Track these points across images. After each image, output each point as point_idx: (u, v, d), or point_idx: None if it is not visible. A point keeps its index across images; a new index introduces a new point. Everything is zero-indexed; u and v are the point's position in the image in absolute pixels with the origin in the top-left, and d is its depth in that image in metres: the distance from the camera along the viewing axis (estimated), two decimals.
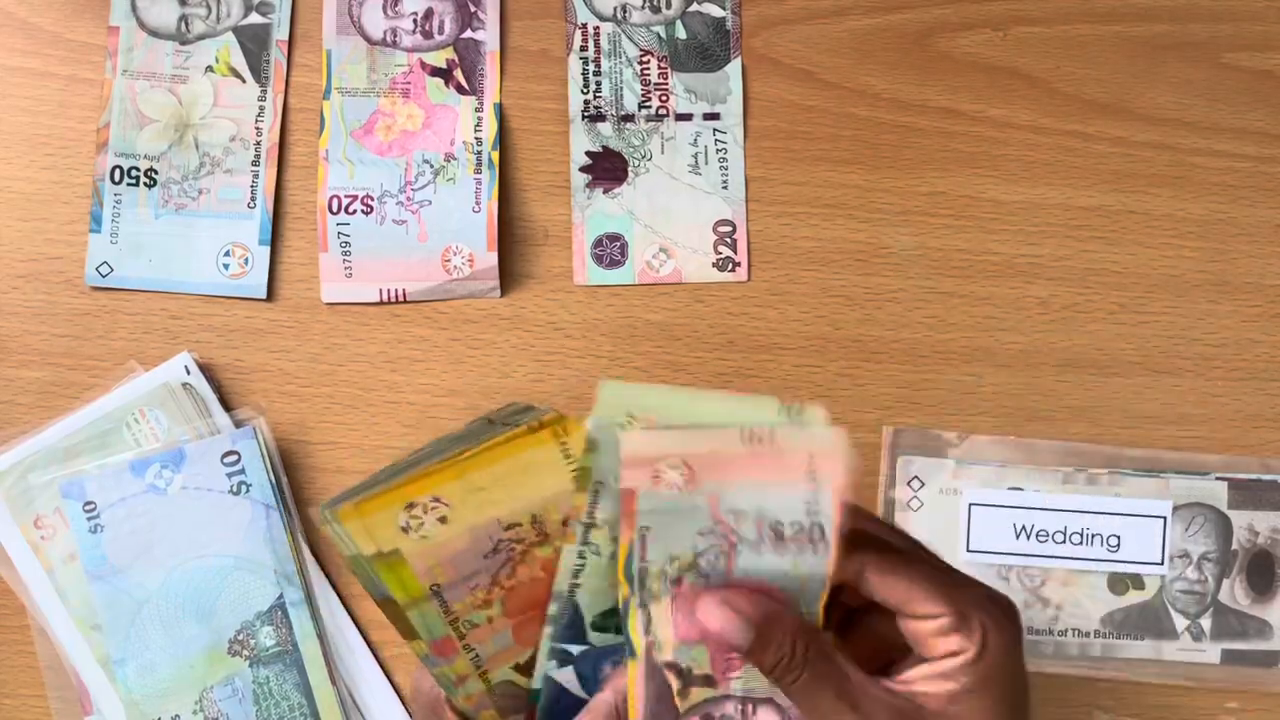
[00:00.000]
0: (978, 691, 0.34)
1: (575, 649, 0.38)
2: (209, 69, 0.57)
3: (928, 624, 0.35)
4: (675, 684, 0.35)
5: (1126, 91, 0.58)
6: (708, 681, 0.35)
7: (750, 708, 0.35)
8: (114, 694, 0.52)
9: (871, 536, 0.36)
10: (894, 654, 0.36)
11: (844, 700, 0.34)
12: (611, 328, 0.56)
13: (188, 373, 0.54)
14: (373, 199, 0.56)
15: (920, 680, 0.35)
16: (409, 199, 0.56)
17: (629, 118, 0.57)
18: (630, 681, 0.35)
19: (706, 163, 0.57)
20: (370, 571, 0.34)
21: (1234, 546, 0.55)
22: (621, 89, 0.57)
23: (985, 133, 0.57)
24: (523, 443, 0.35)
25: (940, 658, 0.35)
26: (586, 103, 0.57)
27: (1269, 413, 0.56)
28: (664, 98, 0.57)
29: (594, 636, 0.38)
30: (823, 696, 0.34)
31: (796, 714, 0.35)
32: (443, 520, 0.34)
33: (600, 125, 0.57)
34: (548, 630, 0.38)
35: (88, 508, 0.52)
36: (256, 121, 0.57)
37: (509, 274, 0.56)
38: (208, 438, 0.53)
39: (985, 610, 0.35)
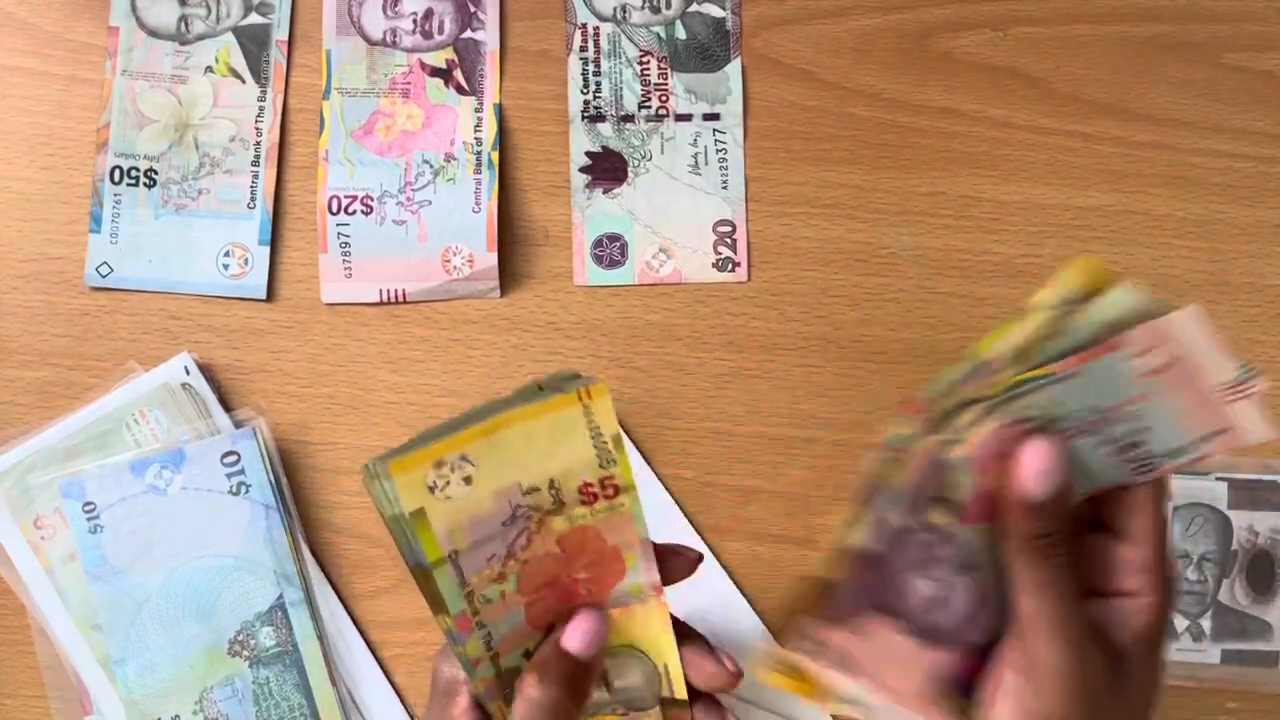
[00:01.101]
0: (1153, 638, 0.34)
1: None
2: (209, 69, 0.57)
3: (1139, 554, 0.35)
4: (931, 488, 0.35)
5: (1126, 91, 0.58)
6: (955, 512, 0.35)
7: (956, 569, 0.35)
8: (114, 694, 0.52)
9: None
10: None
11: (1073, 597, 0.34)
12: (611, 328, 0.56)
13: (187, 373, 0.54)
14: (373, 199, 0.56)
15: (1109, 612, 0.35)
16: (409, 199, 0.56)
17: (629, 118, 0.57)
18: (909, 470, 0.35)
19: (706, 163, 0.57)
20: (407, 530, 0.34)
21: (1234, 547, 0.55)
22: (621, 89, 0.57)
23: (985, 133, 0.57)
24: (550, 406, 0.35)
25: (1123, 593, 0.35)
26: (586, 103, 0.57)
27: (1269, 413, 0.56)
28: (664, 98, 0.57)
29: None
30: (1061, 588, 0.34)
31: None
32: (468, 481, 0.34)
33: (600, 125, 0.57)
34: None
35: (87, 508, 0.52)
36: (256, 122, 0.57)
37: (509, 274, 0.56)
38: (208, 438, 0.53)
39: (1173, 569, 0.36)
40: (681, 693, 0.39)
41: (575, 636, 0.37)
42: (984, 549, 0.35)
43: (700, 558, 0.40)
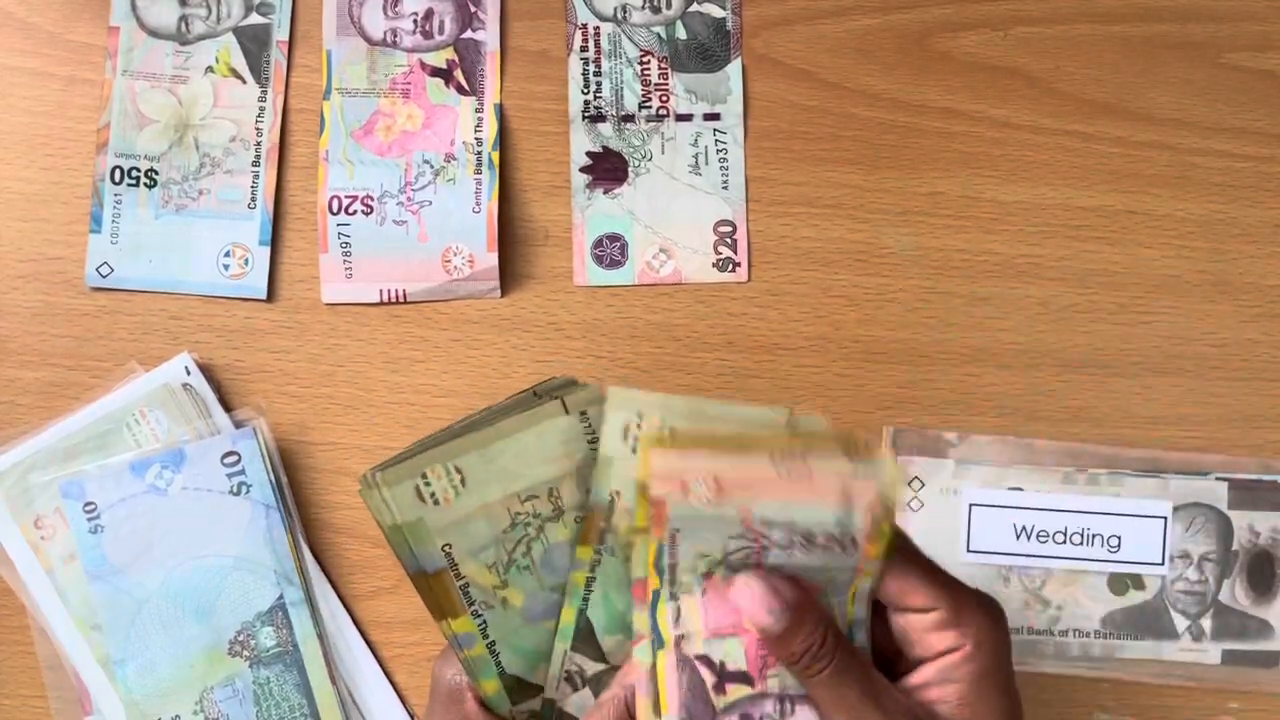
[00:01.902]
0: (981, 689, 0.34)
1: (591, 667, 0.38)
2: (209, 69, 0.57)
3: (923, 619, 0.35)
4: (709, 679, 0.35)
5: (1126, 91, 0.58)
6: (744, 679, 0.35)
7: (789, 705, 0.35)
8: (114, 694, 0.52)
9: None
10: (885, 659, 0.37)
11: (869, 698, 0.34)
12: (611, 328, 0.56)
13: (188, 373, 0.54)
14: (373, 199, 0.56)
15: (925, 684, 0.35)
16: (409, 199, 0.56)
17: (629, 118, 0.57)
18: (660, 675, 0.35)
19: (707, 163, 0.57)
20: (407, 538, 0.34)
21: (1234, 547, 0.55)
22: (622, 89, 0.57)
23: (985, 133, 0.57)
24: (542, 413, 0.35)
25: (935, 656, 0.35)
26: (586, 103, 0.57)
27: (1269, 413, 0.56)
28: (664, 98, 0.57)
29: (609, 645, 0.38)
30: (848, 691, 0.34)
31: None
32: (462, 488, 0.34)
33: (600, 125, 0.57)
34: (561, 647, 0.38)
35: (88, 508, 0.52)
36: (256, 122, 0.57)
37: (509, 274, 0.56)
38: (208, 438, 0.53)
39: (978, 608, 0.35)
40: None
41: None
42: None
43: None
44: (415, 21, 0.57)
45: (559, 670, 0.39)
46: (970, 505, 0.55)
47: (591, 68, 0.57)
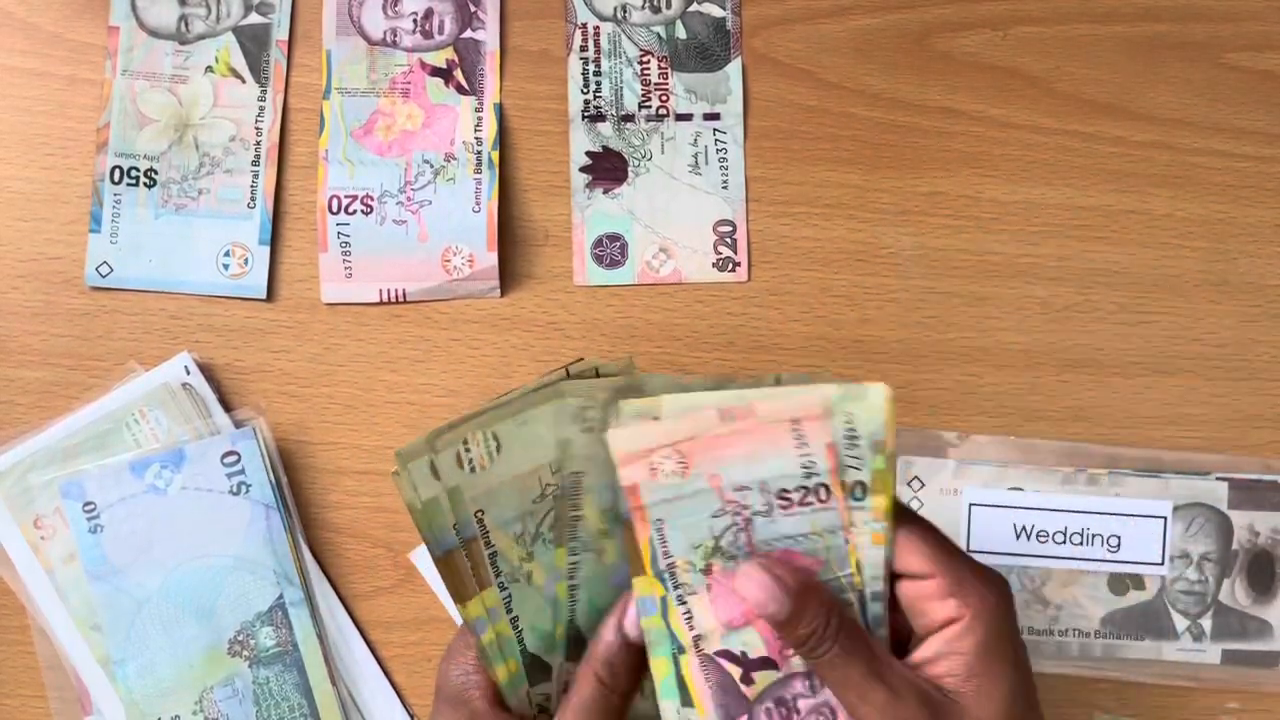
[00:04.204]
0: (986, 661, 0.34)
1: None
2: (209, 69, 0.57)
3: (924, 586, 0.35)
4: (736, 672, 0.35)
5: (1126, 91, 0.58)
6: (768, 664, 0.35)
7: (818, 680, 0.35)
8: (114, 694, 0.52)
9: None
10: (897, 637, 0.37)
11: (874, 676, 0.34)
12: (611, 328, 0.56)
13: (188, 373, 0.54)
14: (373, 199, 0.56)
15: (930, 659, 0.35)
16: (409, 199, 0.56)
17: (629, 118, 0.57)
18: (688, 679, 0.35)
19: (706, 163, 0.57)
20: (441, 510, 0.34)
21: (1234, 547, 0.55)
22: (621, 89, 0.57)
23: (985, 133, 0.57)
24: (574, 388, 0.35)
25: (939, 627, 0.35)
26: (586, 103, 0.57)
27: (1269, 413, 0.56)
28: (664, 98, 0.57)
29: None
30: (853, 671, 0.34)
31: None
32: (494, 455, 0.35)
33: (600, 125, 0.57)
34: (555, 660, 0.38)
35: (87, 508, 0.52)
36: (256, 121, 0.57)
37: (509, 274, 0.56)
38: (208, 438, 0.53)
39: (978, 578, 0.35)
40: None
41: (633, 622, 0.36)
42: None
43: None
44: (415, 21, 0.57)
45: (557, 684, 0.39)
46: (970, 505, 0.55)
47: (591, 67, 0.57)
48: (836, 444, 0.33)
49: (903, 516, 0.36)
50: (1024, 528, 0.55)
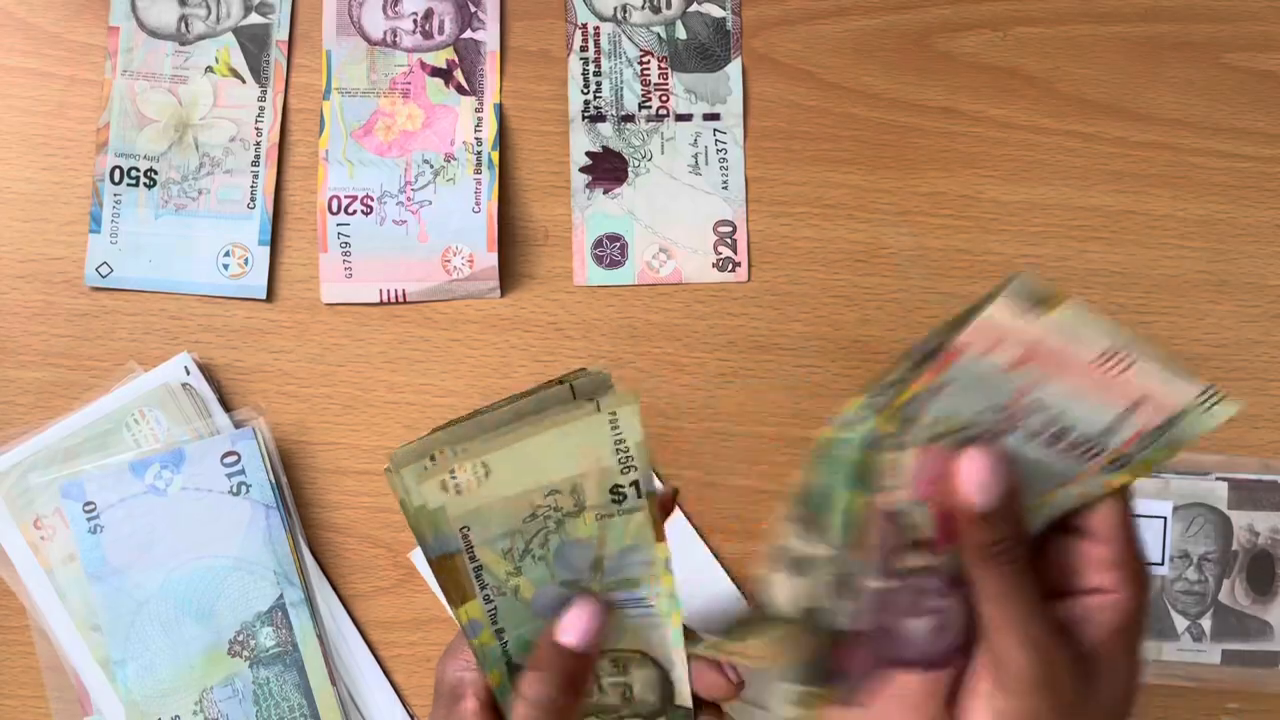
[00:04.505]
0: (1117, 640, 0.34)
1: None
2: (209, 69, 0.57)
3: (1097, 548, 0.35)
4: (900, 538, 0.34)
5: (1126, 91, 0.58)
6: (927, 548, 0.34)
7: (950, 589, 0.35)
8: (114, 694, 0.52)
9: None
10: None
11: (1039, 607, 0.33)
12: (611, 328, 0.56)
13: (187, 373, 0.54)
14: (373, 199, 0.56)
15: (1079, 611, 0.35)
16: (409, 199, 0.56)
17: (629, 118, 0.57)
18: (860, 517, 0.34)
19: (706, 163, 0.57)
20: (434, 518, 0.34)
21: (1234, 547, 0.55)
22: (621, 89, 0.57)
23: (985, 133, 0.57)
24: (575, 418, 0.35)
25: (1087, 591, 0.35)
26: (586, 103, 0.57)
27: (1269, 413, 0.56)
28: (664, 98, 0.57)
29: None
30: (1020, 591, 0.33)
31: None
32: (483, 481, 0.34)
33: (600, 125, 0.57)
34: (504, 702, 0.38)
35: (87, 508, 0.52)
36: (256, 122, 0.57)
37: (509, 274, 0.56)
38: (207, 438, 0.53)
39: (1141, 563, 0.35)
40: (687, 701, 0.39)
41: (570, 630, 0.36)
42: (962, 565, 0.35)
43: (676, 491, 0.41)
44: (415, 21, 0.57)
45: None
46: None
47: (591, 68, 0.57)
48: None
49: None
50: None
